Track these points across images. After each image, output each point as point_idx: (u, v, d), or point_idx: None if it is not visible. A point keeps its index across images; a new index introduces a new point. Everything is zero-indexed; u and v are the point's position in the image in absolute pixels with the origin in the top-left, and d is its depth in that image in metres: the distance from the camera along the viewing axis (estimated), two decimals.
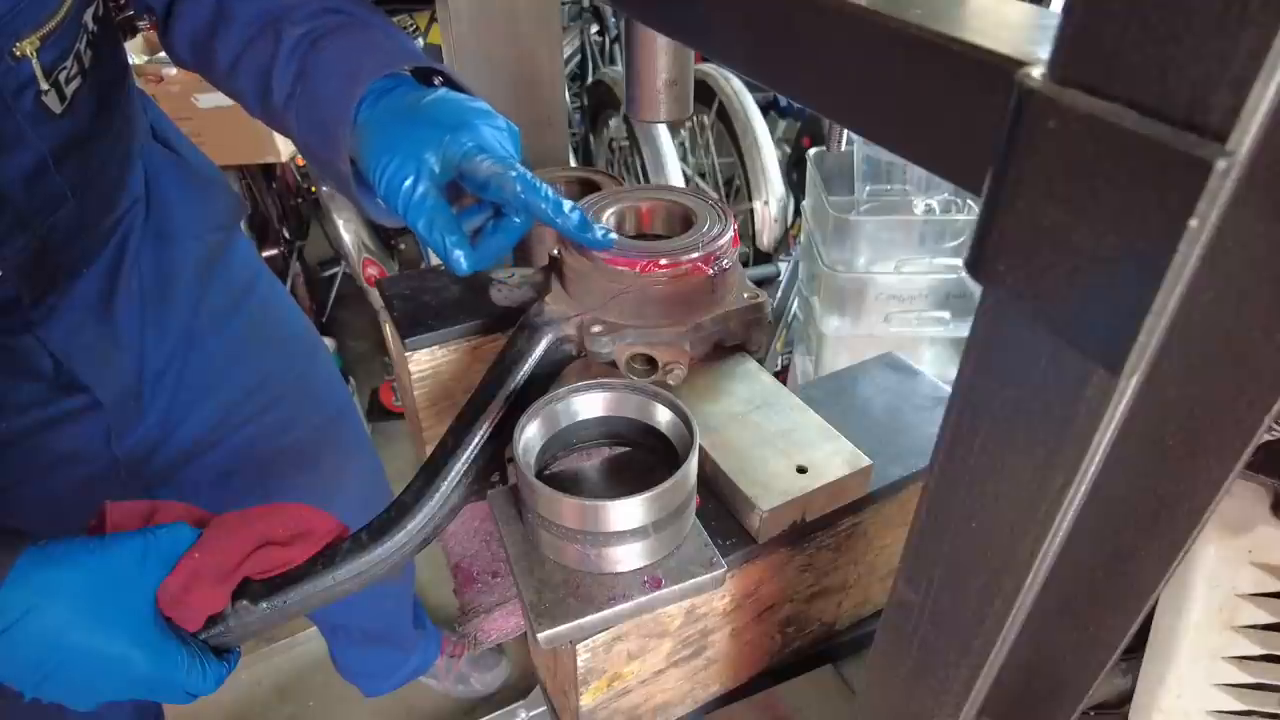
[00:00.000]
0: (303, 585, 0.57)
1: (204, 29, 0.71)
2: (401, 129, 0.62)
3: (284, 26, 0.66)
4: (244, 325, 0.97)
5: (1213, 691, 0.48)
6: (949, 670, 0.38)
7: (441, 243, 0.61)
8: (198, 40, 0.72)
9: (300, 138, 0.68)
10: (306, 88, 0.65)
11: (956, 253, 1.27)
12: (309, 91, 0.65)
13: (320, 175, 0.70)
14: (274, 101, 0.67)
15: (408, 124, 0.62)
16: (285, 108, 0.67)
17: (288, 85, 0.66)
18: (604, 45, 2.78)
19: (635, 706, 0.67)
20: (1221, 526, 0.44)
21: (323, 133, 0.65)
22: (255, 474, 1.02)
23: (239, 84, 0.71)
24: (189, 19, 0.72)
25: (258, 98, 0.70)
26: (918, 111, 0.29)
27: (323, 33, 0.66)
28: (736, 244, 0.71)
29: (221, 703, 1.68)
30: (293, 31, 0.66)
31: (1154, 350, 0.23)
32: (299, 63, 0.65)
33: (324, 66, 0.65)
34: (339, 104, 0.63)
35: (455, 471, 0.62)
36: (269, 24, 0.67)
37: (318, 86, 0.65)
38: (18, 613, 0.49)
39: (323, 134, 0.65)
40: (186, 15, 0.72)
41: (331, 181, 0.69)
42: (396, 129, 0.62)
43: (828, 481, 0.62)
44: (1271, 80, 0.18)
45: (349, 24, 0.67)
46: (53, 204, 0.70)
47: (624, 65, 0.67)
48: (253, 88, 0.69)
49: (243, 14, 0.69)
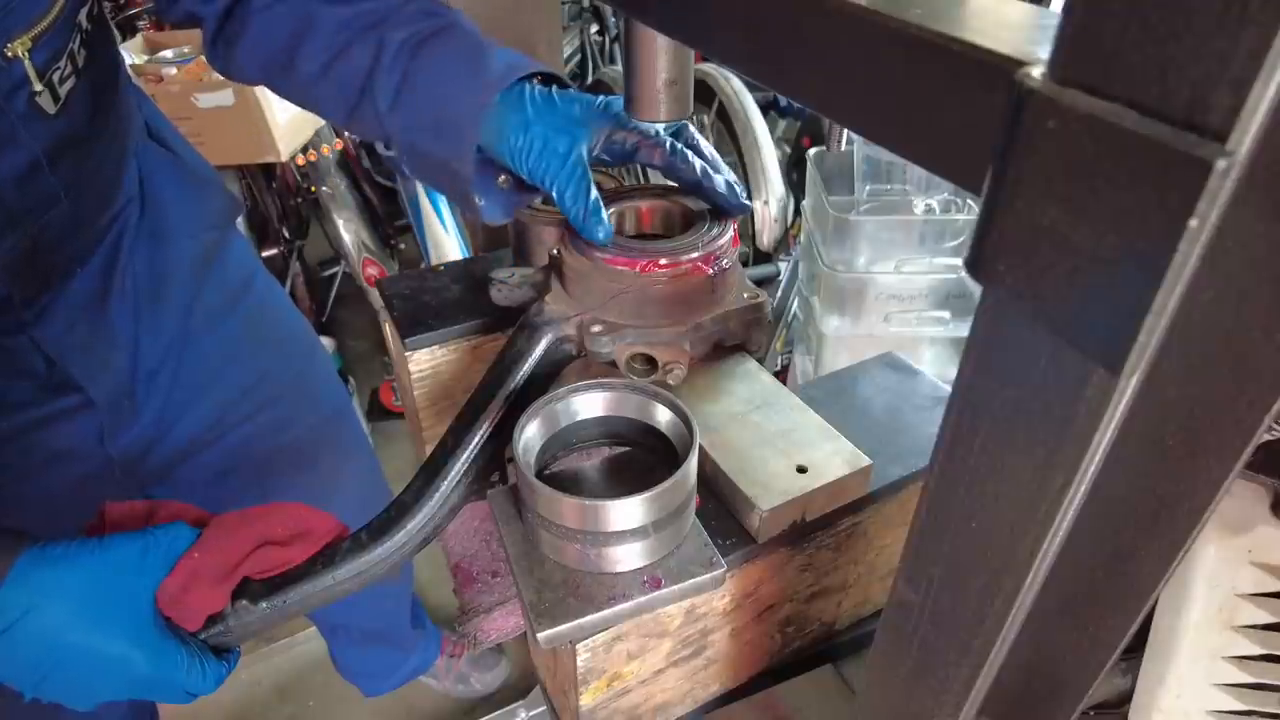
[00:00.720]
0: (302, 585, 0.57)
1: (285, 41, 0.69)
2: (548, 108, 0.66)
3: (386, 31, 0.66)
4: (240, 324, 0.97)
5: (1213, 691, 0.48)
6: (949, 670, 0.38)
7: (584, 210, 0.65)
8: (275, 53, 0.70)
9: (405, 139, 0.68)
10: (419, 90, 0.66)
11: (956, 253, 1.27)
12: (423, 92, 0.66)
13: (423, 174, 0.70)
14: (375, 106, 0.67)
15: (550, 105, 0.66)
16: (391, 109, 0.67)
17: (393, 89, 0.66)
18: (604, 45, 2.78)
19: (635, 706, 0.67)
20: (1221, 526, 0.44)
21: (442, 130, 0.66)
22: (252, 473, 1.02)
23: (323, 91, 0.70)
24: (265, 32, 0.70)
25: (347, 103, 0.69)
26: (918, 111, 0.29)
27: (425, 36, 0.66)
28: (736, 244, 0.71)
29: (221, 703, 1.68)
30: (395, 35, 0.66)
31: (1154, 350, 0.23)
32: (404, 66, 0.66)
33: (438, 68, 0.66)
34: (465, 101, 0.65)
35: (455, 471, 0.62)
36: (367, 29, 0.67)
37: (436, 86, 0.65)
38: (18, 613, 0.49)
39: (442, 131, 0.66)
40: (259, 29, 0.70)
41: (438, 178, 0.69)
42: (543, 108, 0.66)
43: (828, 481, 0.62)
44: (1271, 80, 0.18)
45: (448, 27, 0.68)
46: (46, 204, 0.70)
47: (624, 65, 0.67)
48: (343, 94, 0.69)
49: (329, 21, 0.68)
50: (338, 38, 0.68)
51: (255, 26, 0.70)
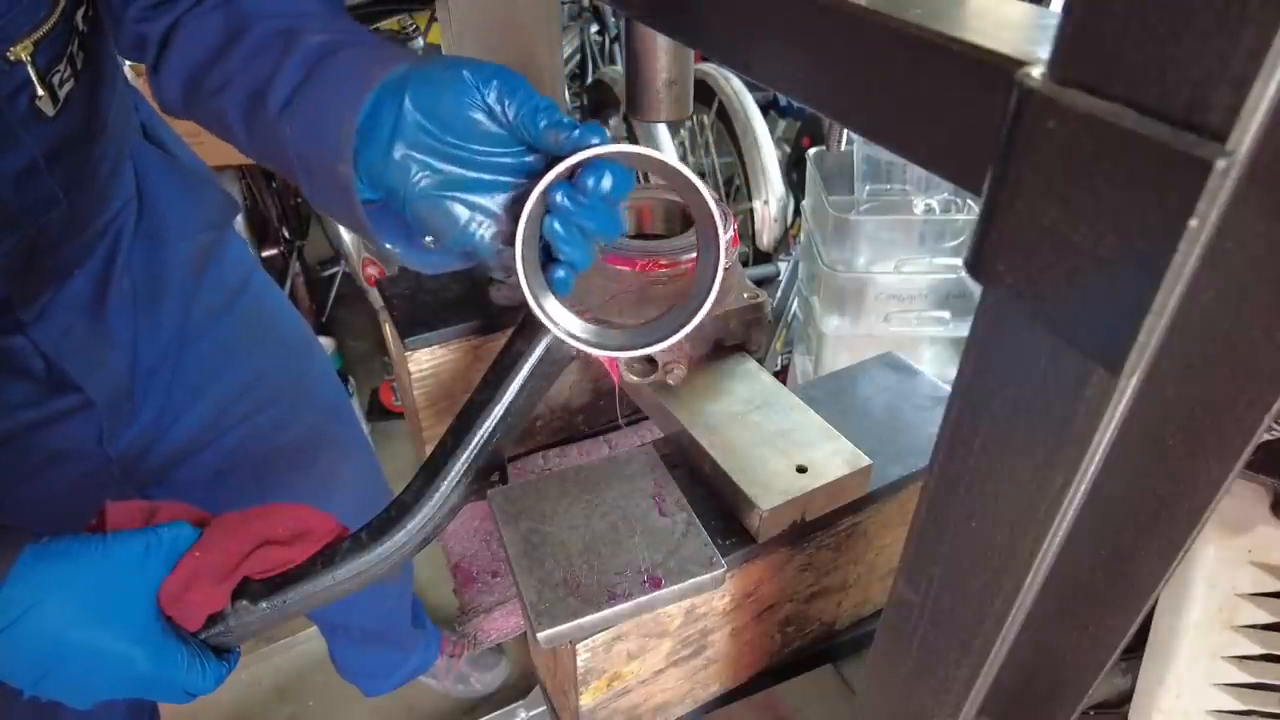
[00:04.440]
0: (302, 585, 0.57)
1: (207, 54, 0.61)
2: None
3: (299, 35, 0.58)
4: (237, 324, 0.97)
5: (1212, 691, 0.48)
6: (949, 670, 0.38)
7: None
8: (197, 67, 0.62)
9: (293, 149, 0.57)
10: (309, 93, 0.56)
11: (956, 253, 1.27)
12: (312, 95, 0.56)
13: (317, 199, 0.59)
14: (265, 112, 0.57)
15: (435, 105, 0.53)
16: (279, 116, 0.56)
17: (287, 92, 0.56)
18: (604, 45, 2.78)
19: (635, 706, 0.67)
20: (1221, 526, 0.44)
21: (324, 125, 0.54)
22: (250, 473, 1.02)
23: (221, 103, 0.61)
24: (189, 44, 0.62)
25: (243, 113, 0.60)
26: (918, 111, 0.29)
27: (340, 46, 0.57)
28: (736, 244, 0.71)
29: (221, 703, 1.68)
30: (309, 40, 0.57)
31: (1154, 350, 0.23)
32: (307, 70, 0.56)
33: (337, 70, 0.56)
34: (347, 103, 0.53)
35: (455, 471, 0.62)
36: (280, 33, 0.59)
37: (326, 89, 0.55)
38: (19, 610, 0.49)
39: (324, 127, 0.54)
40: (187, 41, 0.62)
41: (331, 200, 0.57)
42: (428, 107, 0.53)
43: (828, 481, 0.62)
44: (1271, 80, 0.18)
45: (367, 40, 0.59)
46: (44, 205, 0.70)
47: (624, 65, 0.67)
48: (239, 102, 0.59)
49: (261, 30, 0.59)
50: (256, 45, 0.59)
51: (185, 44, 0.62)
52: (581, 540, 0.61)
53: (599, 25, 2.76)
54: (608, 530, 0.62)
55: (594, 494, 0.65)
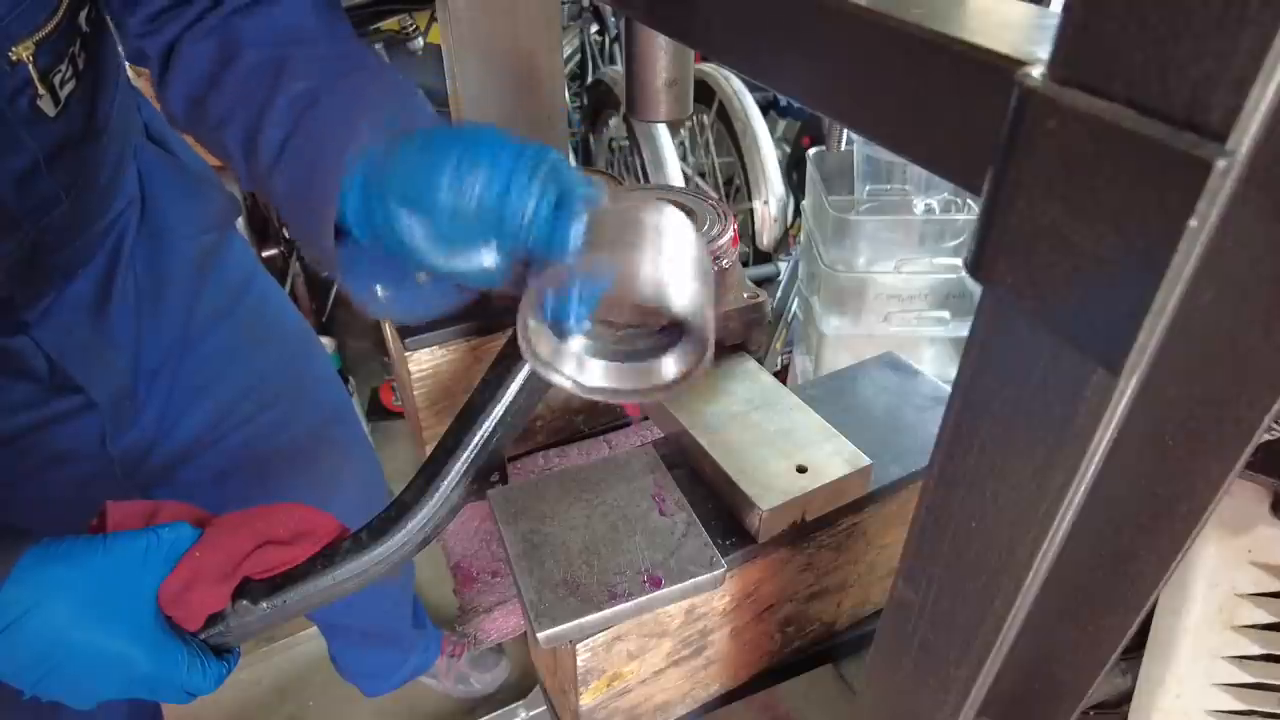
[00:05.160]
0: (303, 585, 0.57)
1: (202, 81, 0.59)
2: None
3: (283, 79, 0.54)
4: (239, 325, 0.97)
5: (1212, 691, 0.48)
6: (949, 670, 0.38)
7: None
8: (194, 93, 0.60)
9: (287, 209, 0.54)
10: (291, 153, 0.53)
11: (956, 253, 1.27)
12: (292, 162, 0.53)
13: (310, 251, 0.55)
14: (259, 165, 0.55)
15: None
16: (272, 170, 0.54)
17: (275, 149, 0.54)
18: (604, 45, 2.78)
19: (635, 706, 0.67)
20: (1221, 526, 0.44)
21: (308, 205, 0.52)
22: (252, 474, 1.02)
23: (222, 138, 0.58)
24: (186, 67, 0.60)
25: (244, 156, 0.57)
26: (918, 111, 0.29)
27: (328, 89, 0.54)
28: (736, 244, 0.71)
29: (221, 703, 1.68)
30: (292, 86, 0.54)
31: (1154, 350, 0.23)
32: (293, 122, 0.53)
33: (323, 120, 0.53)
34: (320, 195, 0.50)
35: (455, 471, 0.62)
36: (270, 70, 0.56)
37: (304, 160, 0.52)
38: (20, 610, 0.49)
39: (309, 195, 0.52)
40: (184, 69, 0.60)
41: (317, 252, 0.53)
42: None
43: (828, 481, 0.62)
44: (1271, 80, 0.18)
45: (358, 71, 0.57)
46: (46, 206, 0.70)
47: (624, 65, 0.67)
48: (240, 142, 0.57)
49: (250, 59, 0.56)
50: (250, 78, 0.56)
51: (183, 66, 0.60)
52: (581, 540, 0.61)
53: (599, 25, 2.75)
54: (608, 530, 0.62)
55: (594, 494, 0.65)
